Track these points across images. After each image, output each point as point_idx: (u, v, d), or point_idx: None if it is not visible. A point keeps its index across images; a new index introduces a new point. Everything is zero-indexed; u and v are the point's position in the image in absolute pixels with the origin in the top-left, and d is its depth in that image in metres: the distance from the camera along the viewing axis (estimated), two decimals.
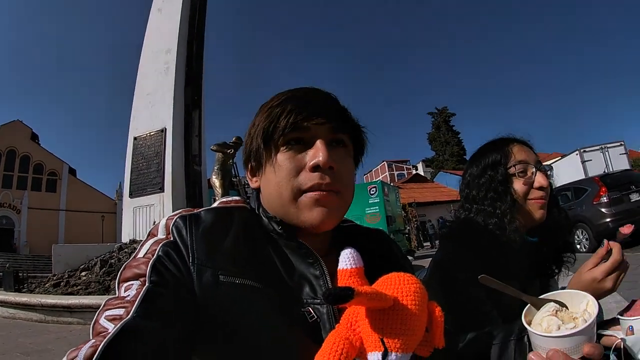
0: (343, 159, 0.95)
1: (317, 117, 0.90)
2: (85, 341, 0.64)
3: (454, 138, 73.31)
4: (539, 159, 1.50)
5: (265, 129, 0.92)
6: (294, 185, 0.89)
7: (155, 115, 11.42)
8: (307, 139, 0.91)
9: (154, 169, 11.04)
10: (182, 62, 11.89)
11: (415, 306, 0.75)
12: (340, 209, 0.94)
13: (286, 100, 0.93)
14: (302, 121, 0.89)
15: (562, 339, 0.80)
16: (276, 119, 0.91)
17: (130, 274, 0.79)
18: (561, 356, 0.79)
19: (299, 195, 0.90)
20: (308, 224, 0.90)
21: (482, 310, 1.34)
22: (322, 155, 0.87)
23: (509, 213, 1.41)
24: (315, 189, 0.88)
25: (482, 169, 1.52)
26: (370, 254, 1.00)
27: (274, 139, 0.92)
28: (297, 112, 0.89)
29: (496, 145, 1.54)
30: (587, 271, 1.25)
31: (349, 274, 0.84)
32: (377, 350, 0.72)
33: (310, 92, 0.97)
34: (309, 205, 0.89)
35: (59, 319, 7.06)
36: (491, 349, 1.04)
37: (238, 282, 0.81)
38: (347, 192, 0.95)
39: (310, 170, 0.89)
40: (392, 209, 20.79)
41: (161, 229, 0.89)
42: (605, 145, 18.88)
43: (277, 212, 0.94)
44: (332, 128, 0.93)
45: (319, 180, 0.88)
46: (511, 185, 1.45)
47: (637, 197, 10.24)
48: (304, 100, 0.92)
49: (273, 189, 0.93)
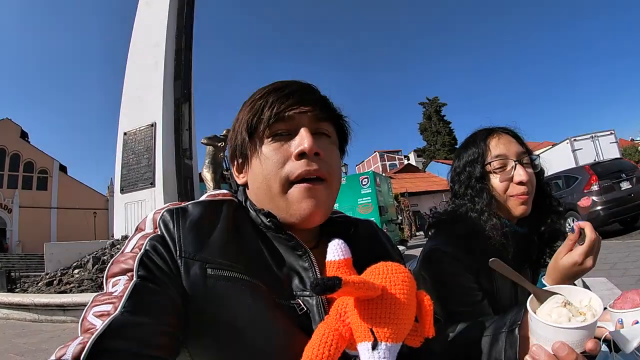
0: (327, 148, 0.94)
1: (300, 106, 0.90)
2: (73, 338, 0.64)
3: (445, 128, 73.61)
4: (523, 149, 1.47)
5: (249, 122, 0.93)
6: (282, 176, 0.89)
7: (145, 109, 11.34)
8: (291, 129, 0.91)
9: (145, 164, 10.99)
10: (171, 56, 11.81)
11: (404, 295, 0.74)
12: (328, 200, 0.94)
13: (268, 92, 0.93)
14: (285, 111, 0.90)
15: (571, 332, 0.78)
16: (260, 111, 0.91)
17: (118, 269, 0.78)
18: (567, 349, 0.77)
19: (288, 187, 0.89)
20: (297, 216, 0.90)
21: (473, 301, 1.34)
22: (307, 141, 0.88)
23: (486, 211, 1.40)
24: (304, 177, 0.88)
25: (463, 165, 1.53)
26: (360, 245, 1.00)
27: (259, 131, 0.92)
28: (280, 102, 0.90)
29: (474, 140, 1.52)
30: (564, 256, 1.23)
31: (337, 265, 0.84)
32: (366, 340, 0.72)
33: (291, 83, 0.96)
34: (299, 197, 0.89)
35: (52, 318, 7.03)
36: (482, 340, 1.03)
37: (226, 275, 0.81)
38: (333, 181, 0.95)
39: (296, 159, 0.88)
40: (385, 199, 20.90)
41: (148, 223, 0.88)
42: (595, 134, 18.92)
43: (266, 206, 0.94)
44: (315, 116, 0.93)
45: (307, 167, 0.88)
46: (488, 182, 1.45)
47: (627, 185, 10.34)
48: (285, 91, 0.92)
49: (261, 182, 0.93)
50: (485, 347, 1.01)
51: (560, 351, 0.78)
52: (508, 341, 0.95)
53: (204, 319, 0.78)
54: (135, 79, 12.05)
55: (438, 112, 74.76)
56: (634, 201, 10.09)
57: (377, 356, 0.70)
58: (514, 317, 0.98)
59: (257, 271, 0.85)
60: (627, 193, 10.19)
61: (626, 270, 5.61)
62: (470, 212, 1.43)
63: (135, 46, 12.67)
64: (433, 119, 74.28)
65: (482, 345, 1.02)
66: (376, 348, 0.71)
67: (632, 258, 6.48)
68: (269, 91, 0.94)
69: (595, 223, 9.58)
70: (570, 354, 0.77)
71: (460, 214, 1.47)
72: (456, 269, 1.36)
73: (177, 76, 11.68)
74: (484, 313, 1.29)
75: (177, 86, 11.59)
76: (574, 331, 0.79)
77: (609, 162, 11.51)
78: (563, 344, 0.78)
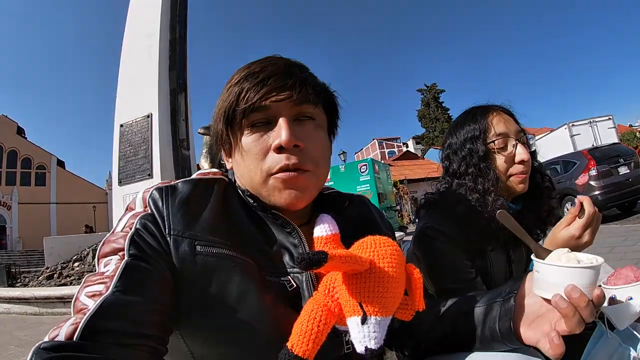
0: (311, 134, 0.92)
1: (277, 93, 0.86)
2: (66, 319, 0.65)
3: (443, 114, 73.40)
4: (519, 128, 1.45)
5: (225, 112, 0.90)
6: (262, 169, 0.88)
7: (141, 100, 11.27)
8: (270, 117, 0.89)
9: (142, 156, 10.92)
10: (166, 45, 11.71)
11: (392, 268, 0.73)
12: (311, 187, 0.92)
13: (243, 78, 0.90)
14: (261, 100, 0.86)
15: (582, 271, 0.76)
16: (235, 101, 0.88)
17: (109, 249, 0.78)
18: (579, 291, 0.74)
19: (268, 179, 0.88)
20: (278, 205, 0.90)
21: (466, 278, 1.34)
22: (285, 135, 0.85)
23: (493, 191, 1.37)
24: (283, 171, 0.86)
25: (462, 142, 1.48)
26: (350, 220, 0.99)
27: (236, 121, 0.89)
28: (255, 91, 0.86)
29: (475, 116, 1.48)
30: (562, 229, 1.22)
31: (325, 241, 0.83)
32: (356, 314, 0.71)
33: (268, 64, 0.91)
34: (278, 188, 0.88)
35: (53, 310, 7.03)
36: (474, 311, 1.00)
37: (215, 252, 0.80)
38: (318, 169, 0.93)
39: (275, 152, 0.87)
40: (384, 187, 20.96)
41: (138, 202, 0.88)
42: (593, 119, 18.83)
43: (252, 192, 0.93)
44: (294, 102, 0.88)
45: (285, 161, 0.86)
46: (493, 162, 1.41)
47: (625, 170, 10.37)
48: (261, 76, 0.88)
49: (242, 171, 0.93)
50: (478, 317, 0.97)
51: (573, 293, 0.75)
52: (503, 309, 0.92)
53: (193, 296, 0.78)
54: (130, 70, 11.96)
55: (436, 99, 74.56)
56: (631, 186, 10.12)
57: (366, 330, 0.69)
58: (511, 287, 0.95)
59: (247, 248, 0.85)
60: (625, 178, 10.22)
61: (625, 254, 5.62)
62: (472, 192, 1.40)
63: (128, 37, 12.56)
64: (431, 106, 74.10)
65: (476, 316, 0.98)
66: (365, 322, 0.70)
67: (630, 242, 6.48)
68: (244, 77, 0.90)
69: None
70: (582, 295, 0.75)
71: (459, 194, 1.44)
72: (449, 247, 1.35)
73: (172, 66, 11.57)
74: (477, 289, 1.30)
75: (173, 76, 11.50)
76: (585, 271, 0.76)
77: (607, 147, 11.48)
78: (574, 286, 0.75)
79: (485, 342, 0.95)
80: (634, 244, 6.35)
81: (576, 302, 0.75)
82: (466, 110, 1.55)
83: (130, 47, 12.37)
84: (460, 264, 1.34)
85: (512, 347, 0.91)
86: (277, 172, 0.87)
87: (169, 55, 11.72)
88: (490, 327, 0.93)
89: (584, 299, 0.74)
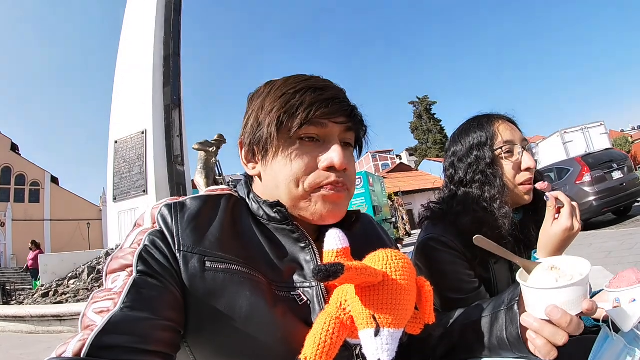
0: (351, 159, 0.96)
1: (339, 116, 0.90)
2: (73, 335, 0.65)
3: (436, 126, 73.88)
4: (524, 137, 1.46)
5: (280, 118, 0.89)
6: (309, 183, 0.89)
7: (135, 117, 11.29)
8: (322, 135, 0.91)
9: (137, 172, 10.92)
10: (159, 62, 11.76)
11: (405, 281, 0.75)
12: (347, 205, 0.96)
13: (305, 90, 0.90)
14: (322, 118, 0.88)
15: (559, 292, 0.78)
16: (294, 110, 0.88)
17: (117, 265, 0.78)
18: (560, 312, 0.77)
19: (314, 192, 0.90)
20: (317, 216, 0.91)
21: (469, 288, 1.34)
22: (339, 157, 0.88)
23: (498, 198, 1.37)
24: (331, 187, 0.89)
25: (468, 149, 1.47)
26: (357, 236, 1.01)
27: (288, 129, 0.89)
28: (318, 107, 0.87)
29: (481, 124, 1.48)
30: (553, 224, 1.24)
31: (336, 254, 0.84)
32: (369, 326, 0.72)
33: (327, 86, 0.94)
34: (323, 201, 0.90)
35: (49, 328, 6.97)
36: (481, 321, 1.03)
37: (225, 268, 0.80)
38: (352, 190, 0.96)
39: (324, 170, 0.89)
40: (378, 199, 20.95)
41: (147, 219, 0.88)
42: (585, 125, 18.91)
43: (281, 201, 0.92)
44: (347, 128, 0.92)
45: (335, 179, 0.89)
46: (500, 168, 1.41)
47: (619, 174, 10.42)
48: (324, 95, 0.89)
49: (281, 181, 0.91)
50: (485, 326, 1.01)
51: (553, 314, 0.77)
52: (508, 318, 0.95)
53: (203, 312, 0.78)
54: (124, 86, 12.00)
55: (428, 111, 74.99)
56: (626, 190, 10.18)
57: (379, 342, 0.71)
58: (511, 295, 0.99)
59: (256, 263, 0.85)
60: (619, 182, 10.26)
61: (622, 258, 5.64)
62: (478, 201, 1.40)
63: (123, 53, 12.63)
64: (424, 118, 74.52)
65: (482, 326, 1.02)
66: (379, 334, 0.71)
67: (627, 246, 6.51)
68: (306, 89, 0.90)
69: (589, 213, 9.64)
70: (564, 315, 0.77)
71: (465, 204, 1.43)
72: (452, 258, 1.35)
73: (166, 82, 11.62)
74: (481, 299, 1.29)
75: (167, 92, 11.54)
76: (562, 291, 0.78)
77: (600, 153, 11.51)
78: (555, 307, 0.77)
79: (493, 351, 0.99)
80: (630, 247, 6.38)
81: (557, 323, 0.78)
82: (470, 119, 1.55)
83: (124, 63, 12.38)
84: (463, 274, 1.35)
85: (520, 354, 0.94)
86: (326, 185, 0.89)
87: (163, 71, 11.75)
88: (498, 336, 0.96)
89: (567, 318, 0.77)
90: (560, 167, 11.57)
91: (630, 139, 51.40)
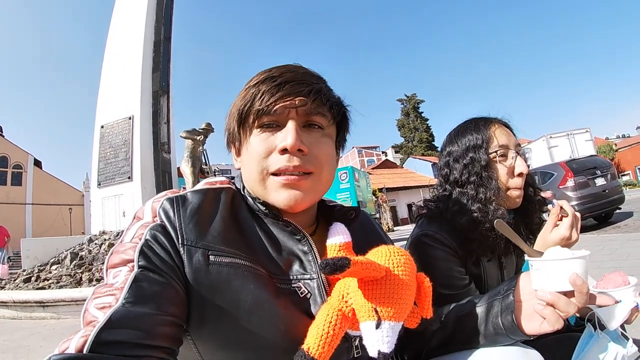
0: (318, 140, 0.94)
1: (292, 98, 0.89)
2: (76, 331, 0.65)
3: (422, 124, 74.47)
4: (518, 142, 1.49)
5: (239, 111, 0.92)
6: (262, 167, 0.90)
7: (123, 102, 11.12)
8: (280, 120, 0.91)
9: (122, 158, 10.78)
10: (150, 47, 11.59)
11: (406, 276, 0.77)
12: (313, 190, 0.94)
13: (262, 81, 0.92)
14: (275, 104, 0.88)
15: (577, 262, 0.85)
16: (250, 102, 0.90)
17: (118, 260, 0.78)
18: (581, 279, 0.83)
19: (267, 177, 0.90)
20: (277, 205, 0.91)
21: (461, 284, 1.36)
22: (291, 138, 0.87)
23: (494, 200, 1.40)
24: (282, 172, 0.89)
25: (463, 150, 1.50)
26: (358, 232, 1.02)
27: (249, 121, 0.91)
28: (270, 94, 0.88)
29: (477, 126, 1.51)
30: (552, 231, 1.29)
31: (338, 249, 0.86)
32: (370, 319, 0.74)
33: (287, 71, 0.93)
34: (276, 188, 0.90)
35: (32, 314, 6.89)
36: (476, 310, 1.07)
37: (228, 262, 0.81)
38: (322, 174, 0.94)
39: (279, 153, 0.88)
40: (363, 194, 21.08)
41: (147, 212, 0.88)
42: (571, 131, 19.22)
43: (253, 192, 0.95)
44: (306, 109, 0.91)
45: (287, 162, 0.88)
46: (494, 172, 1.44)
47: (602, 181, 10.62)
48: (277, 81, 0.90)
49: (247, 170, 0.94)
50: (481, 315, 1.05)
51: (577, 280, 0.83)
52: (504, 304, 0.99)
53: (207, 305, 0.79)
54: (113, 71, 11.80)
55: (416, 109, 75.46)
56: (608, 197, 10.41)
57: (380, 334, 0.73)
58: (507, 286, 1.03)
59: (258, 256, 0.86)
60: (602, 189, 10.47)
61: (601, 263, 5.73)
62: (473, 201, 1.42)
63: (113, 37, 12.41)
64: (411, 116, 75.02)
65: (479, 314, 1.06)
66: (380, 327, 0.73)
67: (607, 251, 6.61)
68: (262, 80, 0.92)
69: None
70: (584, 283, 0.83)
71: (461, 204, 1.45)
72: (444, 254, 1.38)
73: (155, 68, 11.47)
74: (472, 295, 1.32)
75: (156, 78, 11.39)
76: (580, 261, 0.85)
77: (584, 159, 11.69)
78: (577, 275, 0.83)
79: (489, 337, 1.02)
80: (610, 253, 6.48)
81: (579, 289, 0.83)
82: (467, 121, 1.57)
83: (114, 47, 12.21)
84: (455, 270, 1.37)
85: (515, 339, 0.98)
86: (277, 172, 0.89)
87: (153, 56, 11.64)
88: (493, 322, 1.00)
89: (585, 286, 0.83)
90: (544, 170, 11.71)
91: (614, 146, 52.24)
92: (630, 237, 7.77)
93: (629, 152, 50.72)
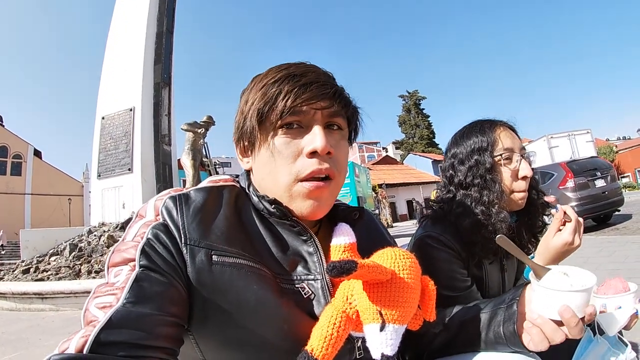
0: (339, 143, 0.93)
1: (317, 100, 0.87)
2: (76, 331, 0.65)
3: (424, 121, 74.35)
4: (522, 145, 1.48)
5: (260, 110, 0.88)
6: (292, 172, 0.88)
7: (124, 93, 11.12)
8: (304, 122, 0.89)
9: (123, 149, 10.79)
10: (152, 39, 11.59)
11: (412, 279, 0.77)
12: (331, 197, 0.94)
13: (283, 79, 0.89)
14: (301, 105, 0.86)
15: (573, 295, 0.84)
16: (272, 100, 0.87)
17: (120, 259, 0.77)
18: (571, 312, 0.83)
19: (295, 184, 0.88)
20: (298, 213, 0.90)
21: (462, 286, 1.36)
22: (321, 141, 0.86)
23: (497, 203, 1.40)
24: (314, 176, 0.87)
25: (468, 152, 1.49)
26: (362, 232, 1.02)
27: (270, 120, 0.88)
28: (296, 94, 0.86)
29: (483, 128, 1.50)
30: (554, 236, 1.29)
31: (343, 249, 0.86)
32: (375, 321, 0.74)
33: (308, 70, 0.91)
34: (302, 196, 0.88)
35: (30, 306, 6.91)
36: (480, 316, 1.07)
37: (231, 262, 0.80)
38: (340, 177, 0.94)
39: (307, 156, 0.87)
40: (363, 190, 21.06)
41: (149, 210, 0.87)
42: (572, 132, 19.12)
43: (270, 195, 0.92)
44: (330, 112, 0.90)
45: (318, 166, 0.86)
46: (499, 175, 1.43)
47: (601, 182, 10.56)
48: (302, 81, 0.87)
49: (268, 173, 0.91)
50: (484, 322, 1.05)
51: (565, 314, 0.83)
52: (507, 314, 1.00)
53: (210, 305, 0.78)
54: (114, 62, 11.79)
55: (417, 106, 75.34)
56: (607, 199, 10.35)
57: (384, 337, 0.73)
58: (512, 295, 1.03)
59: (261, 257, 0.85)
60: (601, 190, 10.41)
61: (600, 265, 5.73)
62: (477, 204, 1.42)
63: (115, 28, 12.38)
64: (412, 112, 74.88)
65: (482, 321, 1.06)
66: (384, 329, 0.73)
67: (605, 253, 6.60)
68: (284, 78, 0.89)
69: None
70: (573, 316, 0.83)
71: (465, 206, 1.45)
72: (447, 255, 1.38)
73: (157, 60, 11.46)
74: (472, 299, 1.33)
75: (157, 70, 11.38)
76: (575, 294, 0.84)
77: (584, 160, 11.64)
78: (567, 307, 0.83)
79: (489, 345, 1.02)
80: (609, 254, 6.47)
81: (567, 322, 0.84)
82: (472, 123, 1.56)
83: (116, 38, 12.16)
84: (457, 272, 1.37)
85: (514, 349, 0.98)
86: (307, 178, 0.87)
87: (155, 48, 11.62)
88: (495, 330, 1.00)
89: (575, 319, 0.83)
90: (544, 171, 11.65)
91: (615, 148, 52.30)
92: (628, 240, 7.77)
93: (629, 154, 50.97)
